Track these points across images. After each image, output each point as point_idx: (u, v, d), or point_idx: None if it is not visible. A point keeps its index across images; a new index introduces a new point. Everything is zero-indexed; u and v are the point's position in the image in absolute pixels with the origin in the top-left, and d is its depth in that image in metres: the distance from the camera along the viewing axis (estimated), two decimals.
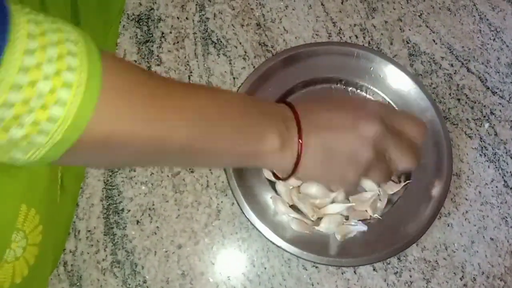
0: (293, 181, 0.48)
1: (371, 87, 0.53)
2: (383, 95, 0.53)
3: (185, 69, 0.55)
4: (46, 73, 0.23)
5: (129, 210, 0.49)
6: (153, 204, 0.50)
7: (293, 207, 0.49)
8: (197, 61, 0.55)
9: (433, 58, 0.57)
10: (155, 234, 0.49)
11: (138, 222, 0.49)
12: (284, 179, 0.41)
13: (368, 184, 0.49)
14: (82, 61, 0.25)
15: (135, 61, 0.54)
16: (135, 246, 0.48)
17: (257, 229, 0.47)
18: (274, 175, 0.45)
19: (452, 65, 0.57)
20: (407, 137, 0.42)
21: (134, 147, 0.30)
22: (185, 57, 0.55)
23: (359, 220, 0.49)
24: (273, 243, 0.47)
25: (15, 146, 0.24)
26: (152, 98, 0.30)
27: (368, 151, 0.39)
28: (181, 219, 0.49)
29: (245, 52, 0.56)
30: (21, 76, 0.22)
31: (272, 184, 0.50)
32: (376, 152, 0.39)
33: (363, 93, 0.54)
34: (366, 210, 0.49)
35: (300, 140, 0.37)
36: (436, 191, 0.50)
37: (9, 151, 0.25)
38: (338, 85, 0.54)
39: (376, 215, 0.48)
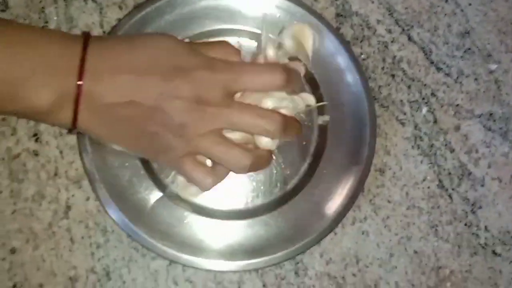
0: None
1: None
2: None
3: (39, 17, 0.42)
4: None
5: None
6: None
7: None
8: (56, 7, 0.42)
9: (367, 21, 0.45)
10: None
11: None
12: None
13: None
14: None
15: None
16: None
17: (125, 231, 0.38)
18: None
19: (389, 31, 0.45)
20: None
21: None
22: (40, 2, 0.42)
23: None
24: (146, 247, 0.38)
25: None
26: None
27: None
28: (17, 216, 0.38)
29: None
30: None
31: (146, 165, 0.39)
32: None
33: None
34: None
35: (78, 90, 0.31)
36: (347, 185, 0.40)
37: None
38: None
39: None
